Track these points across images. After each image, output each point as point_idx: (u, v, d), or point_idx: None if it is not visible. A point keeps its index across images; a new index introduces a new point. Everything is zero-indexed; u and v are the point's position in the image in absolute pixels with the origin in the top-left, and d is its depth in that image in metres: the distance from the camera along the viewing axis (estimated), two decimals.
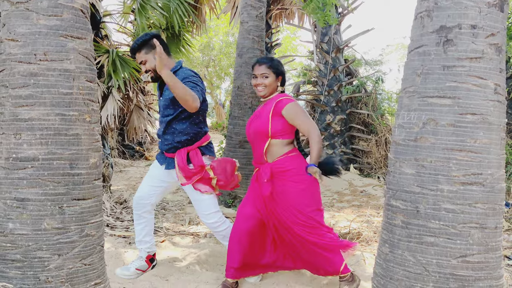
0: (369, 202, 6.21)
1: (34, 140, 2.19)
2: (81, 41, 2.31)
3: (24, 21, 2.20)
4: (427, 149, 2.15)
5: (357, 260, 3.87)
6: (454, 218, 2.10)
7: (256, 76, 3.15)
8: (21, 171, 2.19)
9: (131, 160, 10.89)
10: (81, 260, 2.29)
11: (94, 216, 2.36)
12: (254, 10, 6.06)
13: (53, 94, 2.21)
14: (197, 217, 5.20)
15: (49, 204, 2.21)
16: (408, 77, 2.28)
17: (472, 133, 2.10)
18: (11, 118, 2.20)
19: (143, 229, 3.55)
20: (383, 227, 2.36)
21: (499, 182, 2.16)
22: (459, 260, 2.10)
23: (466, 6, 2.11)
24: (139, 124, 9.37)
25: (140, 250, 3.60)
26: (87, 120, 2.32)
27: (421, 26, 2.23)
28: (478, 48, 2.11)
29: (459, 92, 2.10)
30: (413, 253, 2.17)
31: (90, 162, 2.33)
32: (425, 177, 2.15)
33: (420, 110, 2.19)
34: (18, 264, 2.20)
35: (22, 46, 2.20)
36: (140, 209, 3.51)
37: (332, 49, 8.70)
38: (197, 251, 4.01)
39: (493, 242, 2.15)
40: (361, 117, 8.81)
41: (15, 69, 2.20)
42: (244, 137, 5.81)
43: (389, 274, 2.26)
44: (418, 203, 2.17)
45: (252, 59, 6.02)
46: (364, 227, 4.74)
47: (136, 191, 6.60)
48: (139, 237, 3.57)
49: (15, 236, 2.20)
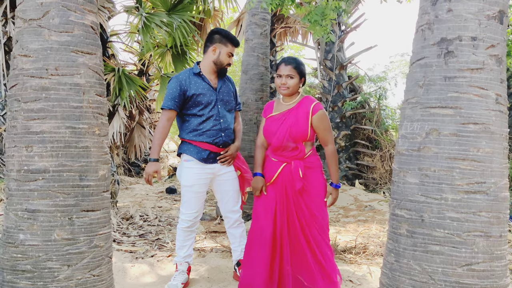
0: (375, 217, 6.21)
1: (45, 152, 2.24)
2: (91, 56, 2.38)
3: (36, 37, 2.28)
4: (431, 158, 2.18)
5: (363, 274, 3.87)
6: (459, 227, 2.12)
7: (281, 75, 3.18)
8: (32, 183, 2.24)
9: (136, 177, 10.94)
10: (90, 271, 2.32)
11: (103, 228, 2.40)
12: (259, 28, 6.17)
13: (64, 107, 2.27)
14: (203, 233, 5.22)
15: (59, 215, 2.25)
16: (411, 89, 2.32)
17: (474, 142, 2.13)
18: (23, 131, 2.26)
19: (193, 243, 3.68)
20: (389, 236, 2.38)
21: (503, 191, 2.18)
22: (465, 268, 2.11)
23: (466, 18, 2.16)
24: (139, 142, 9.44)
25: (180, 264, 3.62)
26: (96, 133, 2.37)
27: (423, 38, 2.28)
28: (478, 59, 2.15)
29: (461, 102, 2.14)
30: (418, 262, 2.18)
31: (99, 174, 2.38)
32: (429, 186, 2.18)
33: (423, 121, 2.22)
34: (28, 274, 2.23)
35: (34, 61, 2.27)
36: (195, 225, 3.60)
37: (335, 66, 8.79)
38: (203, 266, 4.02)
39: (498, 250, 2.16)
40: (365, 132, 8.85)
41: (27, 84, 2.27)
42: (249, 152, 5.86)
43: (395, 283, 2.27)
44: (422, 212, 2.19)
45: (257, 75, 6.10)
46: (370, 241, 4.74)
47: (142, 207, 6.64)
48: (188, 251, 3.64)
49: (25, 247, 2.23)
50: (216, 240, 4.93)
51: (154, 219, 5.80)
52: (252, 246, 3.22)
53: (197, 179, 3.46)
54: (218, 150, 3.47)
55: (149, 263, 4.09)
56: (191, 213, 3.51)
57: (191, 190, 3.48)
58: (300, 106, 3.21)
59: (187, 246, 3.61)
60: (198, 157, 3.44)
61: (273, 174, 3.22)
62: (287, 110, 3.23)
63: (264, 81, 6.17)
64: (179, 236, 3.60)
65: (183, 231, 3.57)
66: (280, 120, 3.22)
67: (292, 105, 3.24)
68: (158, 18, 7.16)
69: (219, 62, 3.48)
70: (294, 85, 3.18)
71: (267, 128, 3.27)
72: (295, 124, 3.16)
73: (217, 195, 3.68)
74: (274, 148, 3.24)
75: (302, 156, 3.19)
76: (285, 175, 3.19)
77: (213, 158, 3.48)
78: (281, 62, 3.22)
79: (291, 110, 3.22)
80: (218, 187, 3.61)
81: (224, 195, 3.61)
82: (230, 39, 3.49)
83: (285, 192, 3.18)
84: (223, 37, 3.48)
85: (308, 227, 3.14)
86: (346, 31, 9.05)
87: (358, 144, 8.76)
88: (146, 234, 5.08)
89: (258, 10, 6.17)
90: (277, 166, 3.22)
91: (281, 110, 3.25)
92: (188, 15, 7.78)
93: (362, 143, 8.69)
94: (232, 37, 3.51)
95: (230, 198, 3.61)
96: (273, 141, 3.22)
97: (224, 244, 4.68)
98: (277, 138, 3.19)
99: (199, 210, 3.55)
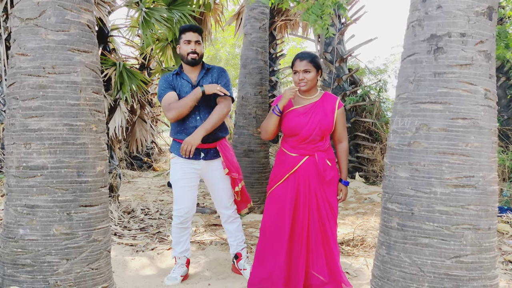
0: (374, 210, 6.25)
1: (43, 149, 2.30)
2: (88, 54, 2.43)
3: (34, 36, 2.32)
4: (420, 153, 2.22)
5: (360, 266, 3.92)
6: (448, 220, 2.17)
7: (298, 71, 3.21)
8: (31, 179, 2.30)
9: (139, 171, 11.01)
10: (89, 264, 2.38)
11: (101, 222, 2.46)
12: (257, 22, 6.19)
13: (61, 105, 2.32)
14: (203, 226, 5.28)
15: (58, 211, 2.31)
16: (402, 84, 2.36)
17: (463, 137, 2.17)
18: (21, 128, 2.31)
19: (188, 238, 3.70)
20: (380, 229, 2.43)
21: (491, 185, 2.22)
22: (453, 260, 2.16)
23: (455, 15, 2.19)
24: (140, 136, 9.48)
25: (179, 258, 3.67)
26: (93, 129, 2.42)
27: (413, 35, 2.31)
28: (467, 55, 2.18)
29: (450, 98, 2.18)
30: (408, 254, 2.23)
31: (97, 170, 2.43)
32: (419, 180, 2.22)
33: (413, 116, 2.26)
34: (28, 268, 2.29)
35: (32, 60, 2.32)
36: (188, 222, 3.62)
37: (336, 59, 8.80)
38: (202, 258, 4.08)
39: (487, 243, 2.20)
40: (365, 125, 8.88)
41: (25, 82, 2.32)
42: (249, 146, 5.91)
43: (386, 275, 2.32)
44: (412, 206, 2.23)
45: (256, 70, 6.13)
46: (368, 234, 4.79)
47: (144, 201, 6.71)
48: (184, 247, 3.67)
49: (25, 241, 2.29)
50: (216, 233, 4.99)
51: (155, 213, 5.86)
52: (267, 241, 3.26)
53: (182, 173, 3.50)
54: (199, 146, 3.44)
55: (149, 256, 4.16)
56: (180, 208, 3.54)
57: (177, 185, 3.54)
58: (326, 101, 3.29)
59: (182, 242, 3.66)
60: (179, 153, 3.49)
61: (292, 168, 3.24)
62: (313, 104, 3.27)
63: (263, 75, 6.20)
64: (173, 233, 3.66)
65: (176, 228, 3.61)
66: (308, 114, 3.24)
67: (315, 99, 3.29)
68: (158, 13, 7.18)
69: (181, 55, 3.50)
70: (312, 79, 3.22)
71: (294, 121, 3.24)
72: (325, 117, 3.24)
73: (210, 192, 3.74)
74: (300, 140, 3.24)
75: (325, 148, 3.27)
76: (308, 167, 3.23)
77: (196, 154, 3.47)
78: (295, 59, 3.25)
79: (317, 104, 3.27)
80: (210, 184, 3.66)
81: (216, 192, 3.66)
82: (181, 29, 3.52)
83: (308, 185, 3.23)
84: (179, 33, 3.55)
85: (328, 220, 3.22)
86: (346, 23, 9.06)
87: (358, 137, 8.79)
88: (147, 228, 5.15)
89: (256, 4, 6.19)
90: (298, 160, 3.24)
91: (303, 104, 3.28)
92: (188, 9, 7.79)
93: (362, 135, 8.72)
94: (182, 26, 3.54)
95: (222, 194, 3.64)
96: (302, 132, 3.21)
97: (223, 237, 4.74)
98: (307, 130, 3.21)
99: (189, 206, 3.55)
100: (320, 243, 3.22)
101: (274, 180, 3.32)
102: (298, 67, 3.21)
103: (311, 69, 3.20)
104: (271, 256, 3.23)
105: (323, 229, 3.23)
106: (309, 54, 3.26)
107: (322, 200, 3.23)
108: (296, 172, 3.24)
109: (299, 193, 3.23)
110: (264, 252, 3.27)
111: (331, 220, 3.25)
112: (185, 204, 3.53)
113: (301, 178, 3.23)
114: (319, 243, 3.22)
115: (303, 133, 3.21)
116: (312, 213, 3.22)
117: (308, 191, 3.23)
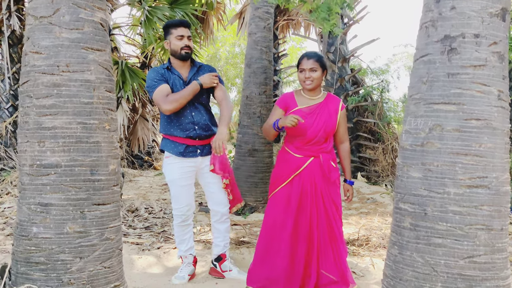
0: (377, 210, 6.27)
1: (57, 147, 2.30)
2: (101, 53, 2.43)
3: (48, 35, 2.32)
4: (434, 153, 2.23)
5: (366, 265, 3.93)
6: (461, 220, 2.18)
7: (304, 70, 3.22)
8: (45, 177, 2.30)
9: (140, 170, 11.00)
10: (101, 263, 2.39)
11: (113, 221, 2.46)
12: (262, 21, 6.19)
13: (75, 103, 2.33)
14: (207, 225, 5.29)
15: (71, 209, 2.31)
16: (414, 85, 2.37)
17: (477, 137, 2.18)
18: (35, 126, 2.31)
19: (191, 236, 3.68)
20: (392, 229, 2.44)
21: (504, 185, 2.23)
22: (467, 260, 2.17)
23: (469, 16, 2.20)
24: (142, 135, 9.47)
25: (185, 257, 3.65)
26: (106, 128, 2.43)
27: (426, 35, 2.32)
28: (481, 56, 2.19)
29: (464, 99, 2.19)
30: (421, 254, 2.24)
31: (110, 168, 2.43)
32: (432, 181, 2.23)
33: (426, 116, 2.27)
34: (42, 266, 2.29)
35: (46, 58, 2.32)
36: (189, 219, 3.61)
37: (338, 59, 8.81)
38: (208, 257, 4.08)
39: (499, 243, 2.22)
40: (367, 125, 8.88)
41: (39, 80, 2.32)
42: (253, 145, 5.91)
43: (398, 275, 2.33)
44: (425, 206, 2.24)
45: (260, 69, 6.14)
46: (372, 234, 4.80)
47: (147, 200, 6.70)
48: (189, 245, 3.65)
49: (39, 239, 2.30)
50: None
51: (159, 212, 5.86)
52: (269, 241, 3.26)
53: (179, 173, 3.48)
54: (195, 143, 3.45)
55: (156, 255, 4.16)
56: (181, 207, 3.53)
57: (175, 184, 3.51)
58: (330, 102, 3.31)
59: (186, 240, 3.64)
60: (175, 152, 3.46)
61: (297, 169, 3.24)
62: (318, 105, 3.28)
63: (268, 74, 6.21)
64: (176, 232, 3.65)
65: (178, 227, 3.61)
66: (313, 114, 3.25)
67: (320, 100, 3.30)
68: (160, 12, 7.19)
69: (174, 51, 3.46)
70: (318, 78, 3.23)
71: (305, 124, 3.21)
72: (330, 119, 3.26)
73: (204, 188, 3.69)
74: (305, 141, 3.24)
75: (329, 149, 3.30)
76: (313, 169, 3.24)
77: (193, 152, 3.46)
78: (302, 57, 3.27)
79: (322, 105, 3.28)
80: (203, 180, 3.62)
81: (209, 187, 3.60)
82: (171, 25, 3.47)
83: (314, 186, 3.24)
84: (166, 28, 3.50)
85: (334, 220, 3.25)
86: (349, 24, 9.06)
87: (360, 137, 8.79)
88: (151, 227, 5.15)
89: (261, 4, 6.19)
90: (303, 162, 3.24)
91: (308, 104, 3.28)
92: (191, 8, 7.80)
93: (364, 136, 8.72)
94: (171, 22, 3.50)
95: (215, 189, 3.57)
96: (307, 133, 3.21)
97: None
98: (313, 131, 3.21)
99: (189, 203, 3.55)
100: (328, 243, 3.24)
101: (278, 181, 3.31)
102: (305, 65, 3.22)
103: (317, 68, 3.22)
104: (273, 256, 3.23)
105: (330, 229, 3.24)
106: (316, 53, 3.29)
107: (328, 201, 3.25)
108: (301, 173, 3.24)
109: (305, 194, 3.23)
110: (266, 252, 3.27)
111: (338, 219, 3.28)
112: (185, 202, 3.53)
113: (306, 179, 3.24)
114: (327, 243, 3.24)
115: (309, 134, 3.22)
116: (320, 214, 3.23)
117: (315, 192, 3.23)
